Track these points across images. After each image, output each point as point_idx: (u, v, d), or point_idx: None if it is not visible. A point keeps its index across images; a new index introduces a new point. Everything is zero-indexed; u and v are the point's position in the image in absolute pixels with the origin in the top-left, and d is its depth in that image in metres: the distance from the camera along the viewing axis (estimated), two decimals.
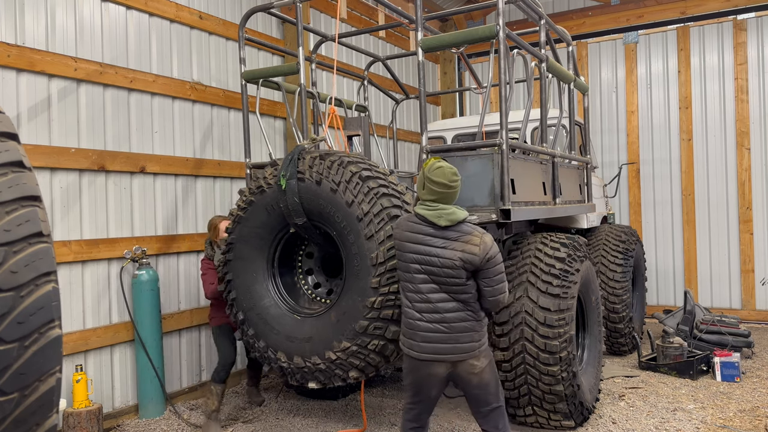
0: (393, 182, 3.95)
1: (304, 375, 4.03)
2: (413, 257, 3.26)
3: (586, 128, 6.82)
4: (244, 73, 5.18)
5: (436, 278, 3.23)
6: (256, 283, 4.23)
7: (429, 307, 3.24)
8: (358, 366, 3.85)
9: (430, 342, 3.25)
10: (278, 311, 4.17)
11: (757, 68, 8.43)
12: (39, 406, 1.70)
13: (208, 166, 6.08)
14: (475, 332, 3.28)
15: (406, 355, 3.37)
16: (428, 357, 3.26)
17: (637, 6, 9.13)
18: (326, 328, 3.91)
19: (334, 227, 3.91)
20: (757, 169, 8.43)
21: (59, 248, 4.74)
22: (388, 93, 7.47)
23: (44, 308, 1.71)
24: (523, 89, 8.73)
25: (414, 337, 3.29)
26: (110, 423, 5.08)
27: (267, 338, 4.16)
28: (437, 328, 3.23)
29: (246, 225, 4.26)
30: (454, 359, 3.25)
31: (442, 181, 3.25)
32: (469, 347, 3.25)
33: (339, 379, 3.95)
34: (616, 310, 6.55)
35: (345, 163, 3.91)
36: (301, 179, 3.96)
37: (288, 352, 4.05)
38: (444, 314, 3.23)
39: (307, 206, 3.97)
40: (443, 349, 3.24)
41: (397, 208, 3.79)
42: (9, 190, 1.72)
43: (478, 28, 4.31)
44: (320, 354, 3.91)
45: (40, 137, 4.71)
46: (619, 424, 4.76)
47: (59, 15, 4.86)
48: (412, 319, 3.29)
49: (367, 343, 3.77)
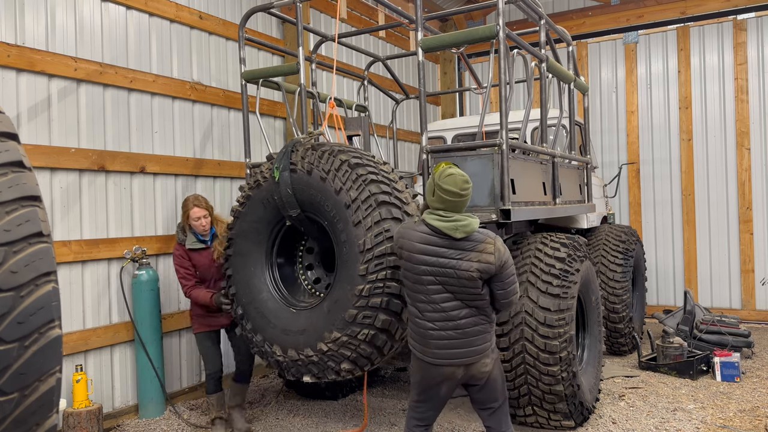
0: (384, 169, 3.93)
1: (298, 368, 4.03)
2: (426, 269, 3.17)
3: (586, 128, 6.82)
4: (244, 73, 5.18)
5: (451, 288, 3.17)
6: (254, 278, 4.24)
7: (443, 316, 3.18)
8: (350, 357, 3.81)
9: (444, 348, 3.21)
10: (276, 305, 4.18)
11: (757, 68, 8.43)
12: (39, 406, 1.70)
13: (208, 166, 6.08)
14: (488, 333, 3.29)
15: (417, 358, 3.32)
16: (443, 362, 3.22)
17: (637, 6, 9.13)
18: (319, 320, 3.90)
19: (325, 216, 3.92)
20: (757, 169, 8.43)
21: (59, 248, 4.74)
22: (388, 93, 7.47)
23: (44, 308, 1.71)
24: (523, 89, 8.73)
25: (427, 345, 3.23)
26: (110, 423, 5.08)
27: (264, 332, 4.17)
28: (451, 335, 3.19)
29: (244, 220, 4.28)
30: (469, 362, 3.23)
31: (453, 190, 3.17)
32: (482, 348, 3.25)
33: (332, 372, 3.91)
34: (616, 310, 6.55)
35: (335, 152, 3.92)
36: (294, 170, 3.98)
37: (283, 346, 4.05)
38: (458, 321, 3.19)
39: (299, 197, 3.98)
40: (458, 354, 3.21)
41: (385, 195, 3.77)
42: (9, 190, 1.72)
43: (478, 28, 4.31)
44: (312, 346, 3.89)
45: (40, 137, 4.71)
46: (619, 424, 4.76)
47: (59, 15, 4.86)
48: (424, 329, 3.23)
49: (356, 333, 3.72)
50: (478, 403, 3.42)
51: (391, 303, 3.69)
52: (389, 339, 3.80)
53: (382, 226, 3.70)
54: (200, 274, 4.80)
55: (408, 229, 3.29)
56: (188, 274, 4.73)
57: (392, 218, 3.73)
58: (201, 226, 4.72)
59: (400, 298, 3.69)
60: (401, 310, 3.73)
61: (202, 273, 4.80)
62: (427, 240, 3.18)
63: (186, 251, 4.76)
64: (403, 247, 3.26)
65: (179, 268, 4.75)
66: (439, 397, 3.35)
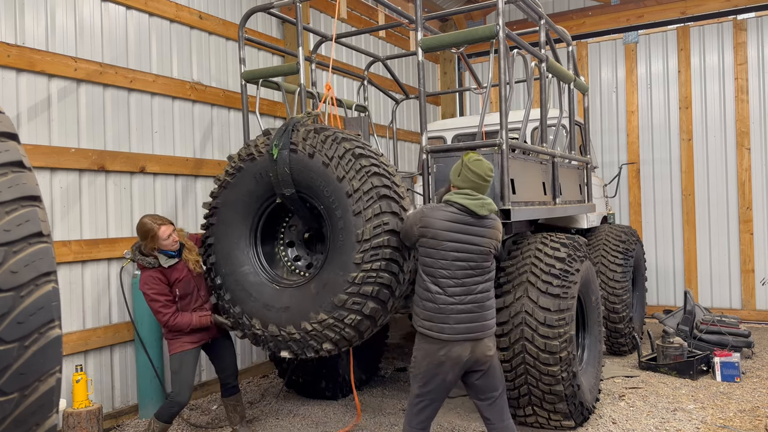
0: (385, 162, 3.98)
1: (277, 343, 4.09)
2: (453, 245, 3.39)
3: (586, 128, 6.82)
4: (244, 73, 5.18)
5: (473, 263, 3.41)
6: (237, 250, 4.25)
7: (464, 290, 3.38)
8: (332, 339, 3.90)
9: (463, 323, 3.38)
10: (257, 279, 4.20)
11: (757, 68, 8.43)
12: (39, 406, 1.69)
13: (208, 166, 6.08)
14: (494, 309, 3.54)
15: (429, 338, 3.41)
16: (459, 337, 3.37)
17: (637, 6, 9.13)
18: (305, 300, 3.96)
19: (322, 201, 3.95)
20: (757, 169, 8.43)
21: (59, 248, 4.74)
22: (388, 93, 7.47)
23: (44, 308, 1.70)
24: (523, 89, 8.73)
25: (446, 321, 3.37)
26: (110, 423, 5.08)
27: (243, 305, 4.20)
28: (470, 308, 3.39)
29: (233, 191, 4.27)
30: (481, 336, 3.41)
31: (479, 173, 3.46)
32: (491, 324, 3.49)
33: (312, 350, 4.00)
34: (616, 310, 6.55)
35: (339, 139, 3.94)
36: (294, 150, 3.98)
37: (263, 320, 4.10)
38: (476, 295, 3.42)
39: (296, 177, 3.99)
40: (473, 328, 3.39)
41: (386, 188, 3.83)
42: (9, 190, 1.71)
43: (478, 28, 4.31)
44: (296, 324, 3.96)
45: (40, 137, 4.71)
46: (619, 424, 4.76)
47: (59, 15, 4.86)
48: (445, 304, 3.38)
49: (344, 317, 3.82)
50: (478, 391, 3.52)
51: (381, 293, 3.79)
52: (372, 325, 3.92)
53: (381, 218, 3.77)
54: (181, 290, 4.31)
55: (433, 210, 3.50)
56: (168, 301, 4.25)
57: (391, 212, 3.80)
58: (173, 241, 4.29)
59: (390, 288, 3.82)
60: (388, 299, 3.85)
61: (184, 287, 4.32)
62: (453, 218, 3.42)
63: (162, 273, 4.25)
64: (427, 225, 3.44)
65: (158, 297, 4.20)
66: (443, 385, 3.42)
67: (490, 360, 3.47)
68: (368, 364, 6.12)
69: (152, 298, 4.20)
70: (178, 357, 4.31)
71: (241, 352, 6.41)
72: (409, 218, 3.63)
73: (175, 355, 4.32)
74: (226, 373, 4.59)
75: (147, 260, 4.24)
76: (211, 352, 4.58)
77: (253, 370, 6.58)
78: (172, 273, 4.29)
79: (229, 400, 4.64)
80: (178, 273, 4.31)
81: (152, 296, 4.20)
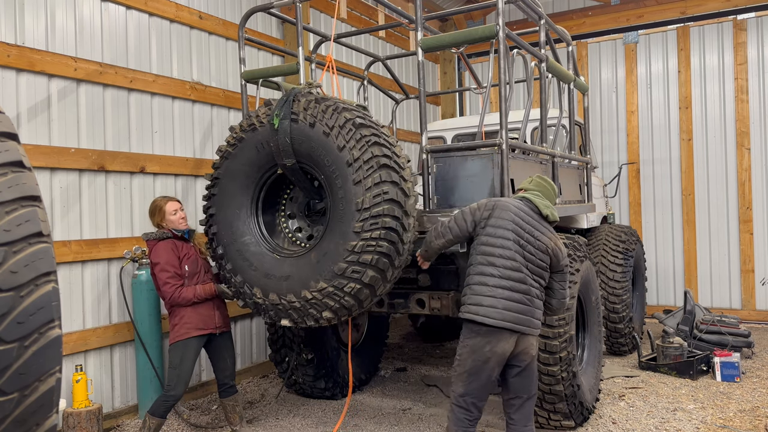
0: (385, 133, 4.00)
1: (278, 312, 4.12)
2: (516, 229, 3.56)
3: (586, 128, 6.82)
4: (244, 73, 5.18)
5: (528, 255, 3.55)
6: (238, 220, 4.27)
7: (519, 276, 3.50)
8: (332, 308, 3.93)
9: (512, 311, 3.45)
10: (258, 249, 4.22)
11: (757, 68, 8.43)
12: (39, 406, 1.69)
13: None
14: (541, 311, 3.64)
15: (475, 328, 3.47)
16: (505, 324, 3.43)
17: (637, 6, 9.13)
18: (305, 268, 3.98)
19: (323, 170, 3.96)
20: (757, 169, 8.43)
21: (59, 248, 4.74)
22: (388, 93, 7.47)
23: (44, 308, 1.70)
24: (523, 89, 8.73)
25: (495, 305, 3.44)
26: (110, 423, 5.08)
27: (244, 274, 4.22)
28: (521, 298, 3.48)
29: (234, 161, 4.28)
30: (526, 331, 3.49)
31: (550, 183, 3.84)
32: (538, 323, 3.58)
33: (312, 319, 4.03)
34: (616, 310, 6.55)
35: (340, 108, 3.95)
36: (295, 120, 3.99)
37: (264, 289, 4.13)
38: (530, 287, 3.52)
39: (297, 147, 4.00)
40: (520, 319, 3.46)
41: (386, 158, 3.84)
42: (9, 190, 1.71)
43: (478, 28, 4.31)
44: (296, 293, 3.99)
45: (40, 137, 4.71)
46: (619, 424, 4.76)
47: (59, 15, 4.86)
48: (497, 287, 3.47)
49: (343, 286, 3.84)
50: (511, 390, 3.60)
51: (380, 261, 3.80)
52: (371, 294, 3.93)
53: (381, 187, 3.78)
54: (190, 267, 4.42)
55: (506, 201, 3.70)
56: (177, 273, 4.33)
57: (391, 181, 3.81)
58: (180, 218, 4.46)
59: (389, 257, 3.83)
60: (387, 269, 3.86)
61: (192, 265, 4.43)
62: (521, 209, 3.65)
63: (174, 244, 4.37)
64: (495, 207, 3.64)
65: (167, 266, 4.27)
66: (488, 383, 3.50)
67: (530, 359, 3.56)
68: (368, 364, 6.12)
69: (163, 267, 4.29)
70: (181, 347, 4.33)
71: (241, 352, 6.41)
72: (475, 204, 3.77)
73: (178, 345, 4.33)
74: (225, 374, 4.61)
75: (159, 232, 4.43)
76: (213, 351, 4.61)
77: (253, 370, 6.58)
78: (183, 248, 4.47)
79: (227, 400, 4.66)
80: (187, 249, 4.50)
81: (163, 265, 4.29)
